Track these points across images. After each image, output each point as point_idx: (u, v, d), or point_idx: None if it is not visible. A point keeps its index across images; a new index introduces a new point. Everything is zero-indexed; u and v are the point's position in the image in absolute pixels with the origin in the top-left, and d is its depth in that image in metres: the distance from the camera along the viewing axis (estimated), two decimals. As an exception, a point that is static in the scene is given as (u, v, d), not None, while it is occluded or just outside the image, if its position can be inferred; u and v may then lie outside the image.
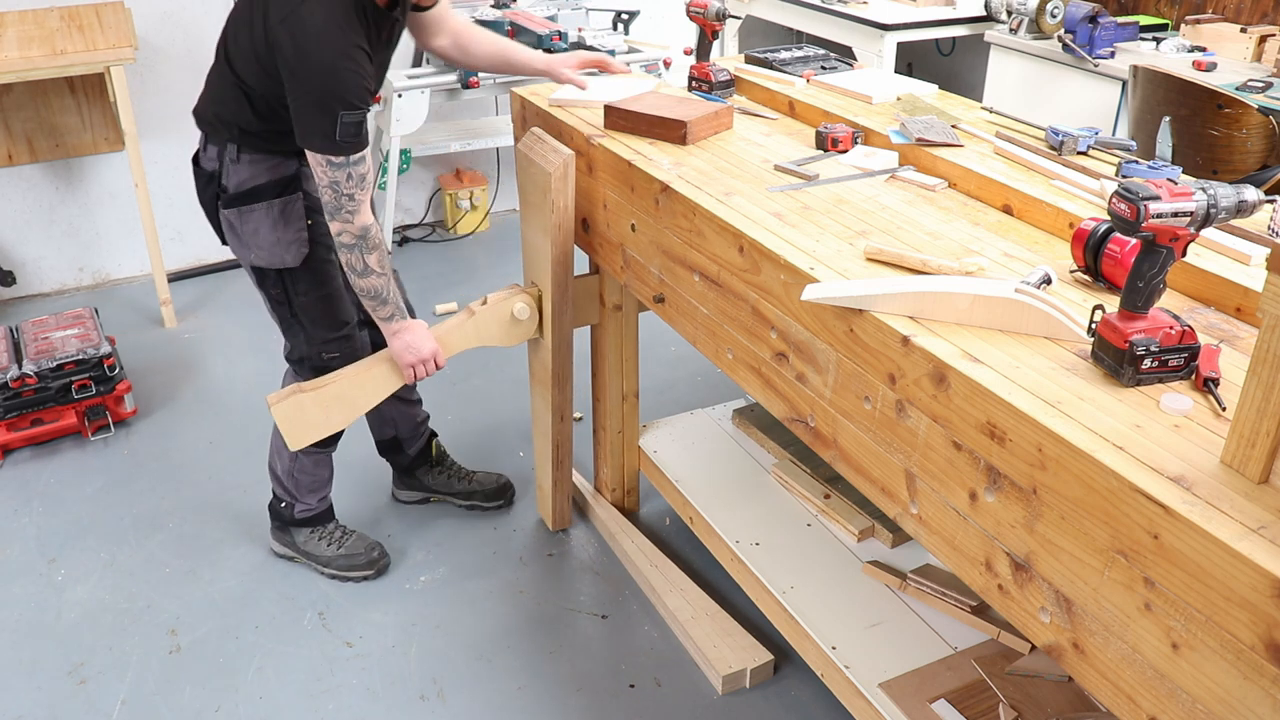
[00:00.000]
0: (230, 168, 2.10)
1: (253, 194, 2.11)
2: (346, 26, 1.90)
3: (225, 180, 2.11)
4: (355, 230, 2.03)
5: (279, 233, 2.14)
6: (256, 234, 2.13)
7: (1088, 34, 3.60)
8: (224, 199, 2.12)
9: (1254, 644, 1.00)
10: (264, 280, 2.22)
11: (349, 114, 1.92)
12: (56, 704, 2.18)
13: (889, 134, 2.08)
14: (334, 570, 2.50)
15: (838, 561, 2.19)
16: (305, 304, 2.23)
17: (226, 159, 2.09)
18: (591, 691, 2.20)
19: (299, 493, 2.48)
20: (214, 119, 2.10)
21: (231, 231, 2.16)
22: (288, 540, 2.54)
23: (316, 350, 2.27)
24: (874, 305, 1.45)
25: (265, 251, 2.15)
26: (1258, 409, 1.06)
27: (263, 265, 2.17)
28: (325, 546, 2.51)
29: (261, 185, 2.11)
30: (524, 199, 2.31)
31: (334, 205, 2.00)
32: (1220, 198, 1.22)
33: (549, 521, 2.67)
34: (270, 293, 2.23)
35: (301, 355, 2.30)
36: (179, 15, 3.86)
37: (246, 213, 2.12)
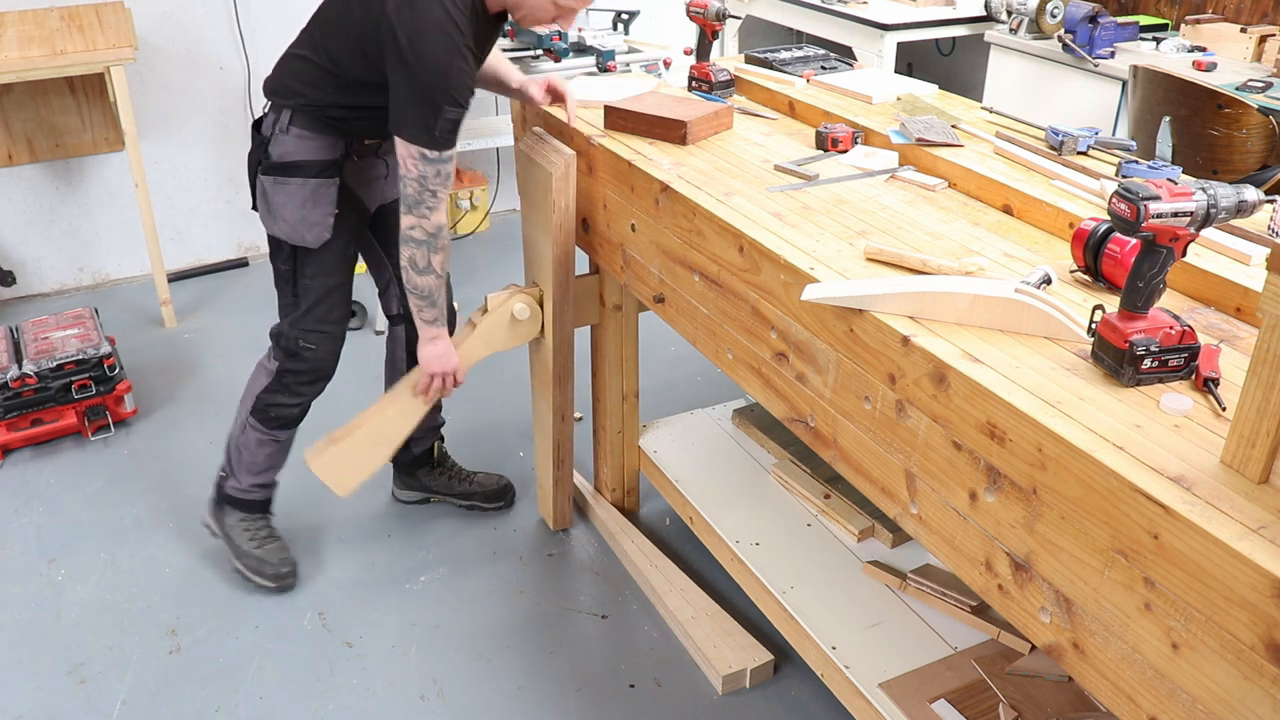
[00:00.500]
0: (278, 137, 2.11)
1: (292, 168, 2.12)
2: (461, 25, 1.90)
3: (271, 148, 2.12)
4: (430, 227, 2.04)
5: (305, 211, 2.14)
6: (284, 207, 2.14)
7: (1088, 34, 3.60)
8: (264, 165, 2.14)
9: (1254, 644, 1.00)
10: (277, 251, 2.23)
11: (452, 110, 1.93)
12: (56, 704, 2.18)
13: (889, 134, 2.08)
14: (242, 565, 2.47)
15: (838, 561, 2.19)
16: (308, 287, 2.24)
17: (278, 128, 2.11)
18: (591, 691, 2.20)
19: (236, 468, 2.44)
20: (283, 89, 2.11)
21: (263, 198, 2.17)
22: (219, 516, 2.51)
23: (297, 334, 2.28)
24: (874, 305, 1.45)
25: (288, 225, 2.16)
26: (1258, 409, 1.06)
27: (280, 237, 2.19)
28: (247, 539, 2.48)
29: (304, 162, 2.12)
30: (525, 199, 2.31)
31: (416, 199, 2.00)
32: (1220, 198, 1.22)
33: (550, 521, 2.67)
34: (279, 265, 2.24)
35: (281, 332, 2.30)
36: (179, 15, 3.86)
37: (280, 184, 2.13)
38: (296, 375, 2.32)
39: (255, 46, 4.00)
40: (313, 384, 2.35)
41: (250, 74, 4.02)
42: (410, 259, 2.08)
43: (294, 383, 2.33)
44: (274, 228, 2.19)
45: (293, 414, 2.37)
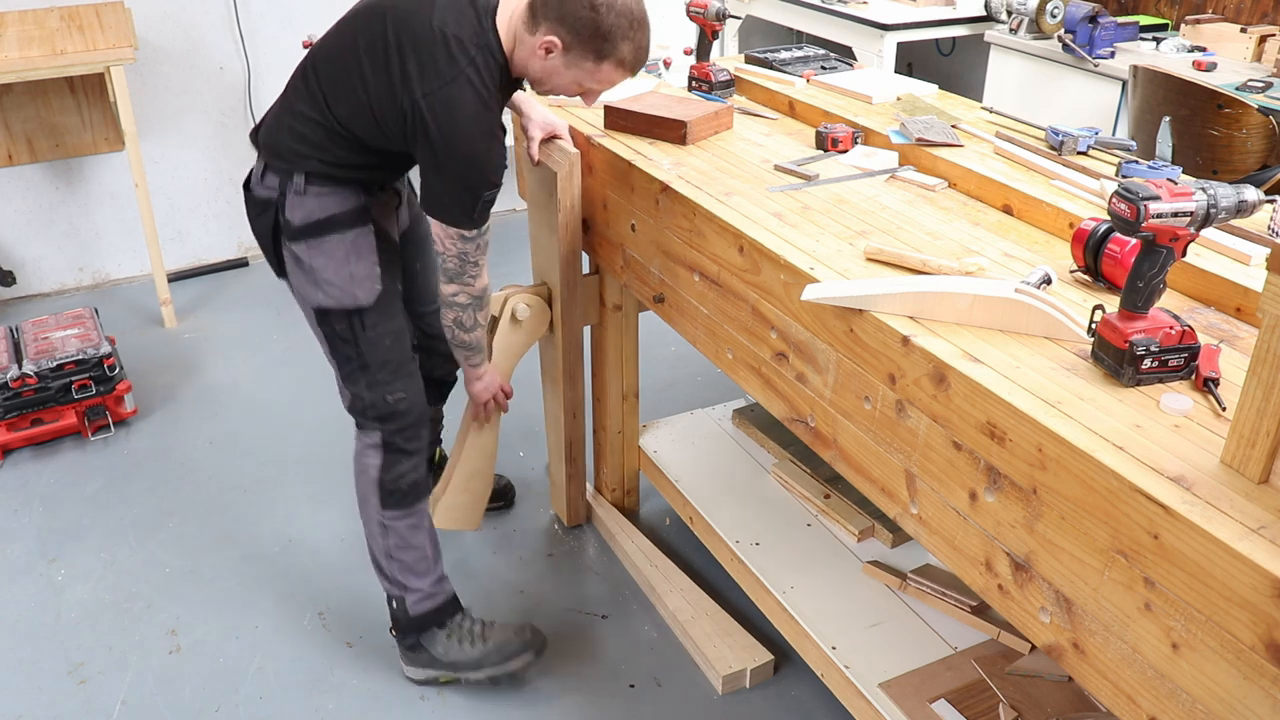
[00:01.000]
0: (292, 199, 1.90)
1: (324, 225, 1.91)
2: (492, 105, 1.81)
3: (287, 213, 1.90)
4: (475, 292, 1.98)
5: (352, 267, 1.93)
6: (325, 269, 1.92)
7: (1088, 34, 3.60)
8: (289, 232, 1.92)
9: (1254, 644, 1.00)
10: (327, 319, 1.98)
11: (489, 193, 1.85)
12: (56, 704, 2.18)
13: (889, 134, 2.08)
14: (489, 670, 2.15)
15: (838, 561, 2.19)
16: (373, 339, 1.99)
17: (290, 190, 1.89)
18: (591, 691, 2.20)
19: (405, 578, 2.12)
20: (288, 151, 1.89)
21: (297, 267, 1.94)
22: (424, 659, 2.17)
23: (380, 395, 2.02)
24: (874, 305, 1.45)
25: (337, 289, 1.93)
26: (1258, 409, 1.06)
27: (330, 305, 1.95)
28: (469, 649, 2.15)
29: (334, 216, 1.91)
30: (531, 198, 2.32)
31: (457, 271, 1.92)
32: (1220, 198, 1.22)
33: (564, 517, 2.67)
34: (335, 330, 1.98)
35: (363, 402, 2.04)
36: (179, 15, 3.86)
37: (316, 246, 1.91)
38: (404, 433, 2.06)
39: (255, 46, 4.00)
40: (419, 431, 2.09)
41: (250, 74, 4.02)
42: (456, 321, 2.00)
43: (405, 442, 2.07)
44: (318, 297, 1.94)
45: (420, 475, 2.10)
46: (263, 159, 1.94)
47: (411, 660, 2.19)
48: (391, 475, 2.06)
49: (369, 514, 2.11)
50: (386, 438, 2.05)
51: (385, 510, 2.08)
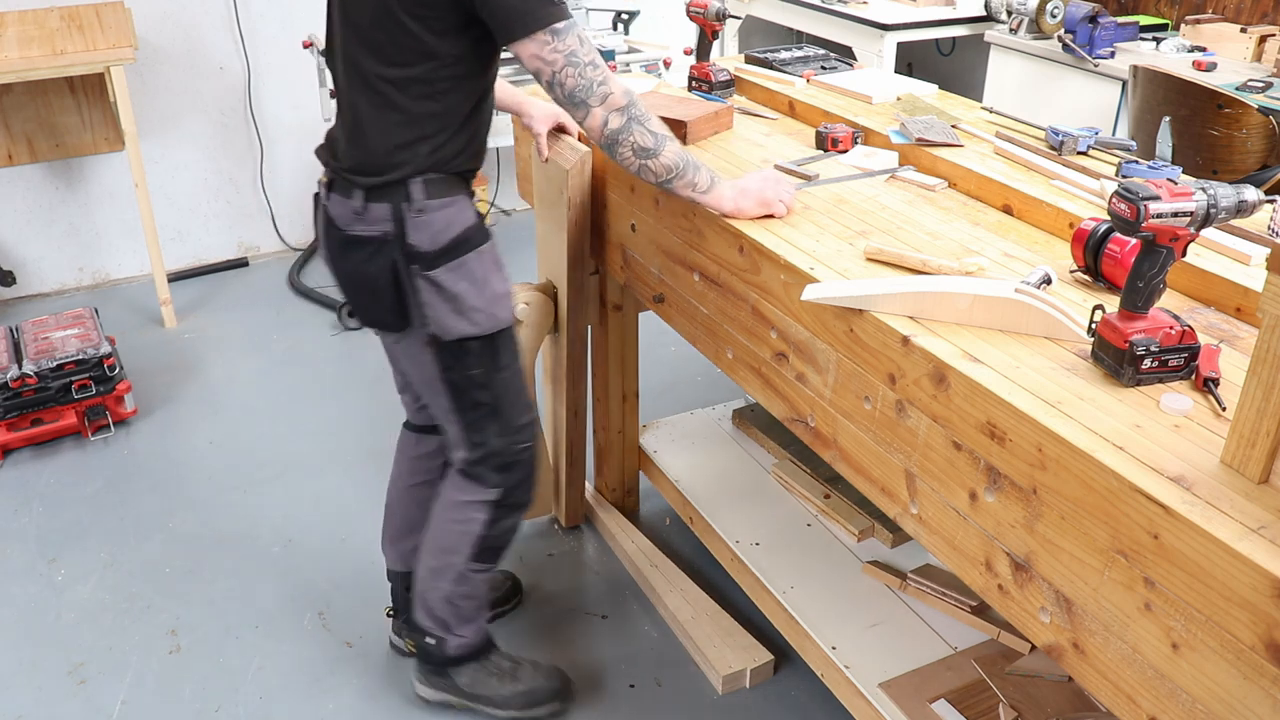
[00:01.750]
0: (413, 223, 1.67)
1: (459, 244, 1.70)
2: None
3: (412, 239, 1.68)
4: (620, 99, 1.63)
5: (494, 285, 1.76)
6: (469, 294, 1.72)
7: (1088, 34, 3.60)
8: (424, 260, 1.68)
9: (1254, 644, 1.00)
10: (463, 361, 1.78)
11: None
12: (56, 704, 2.18)
13: (889, 134, 2.08)
14: (514, 711, 2.07)
15: (838, 561, 2.19)
16: (506, 379, 1.83)
17: (408, 213, 1.67)
18: (591, 691, 2.20)
19: (455, 623, 2.02)
20: (393, 162, 1.66)
21: (438, 297, 1.71)
22: (447, 685, 2.09)
23: (510, 442, 1.86)
24: (874, 305, 1.45)
25: (482, 313, 1.75)
26: (1258, 409, 1.06)
27: (476, 332, 1.76)
28: (496, 684, 2.07)
29: (465, 232, 1.71)
30: (539, 197, 2.32)
31: (584, 84, 1.60)
32: (1220, 198, 1.22)
33: (562, 518, 2.67)
34: (469, 373, 1.79)
35: (487, 453, 1.87)
36: (179, 15, 3.86)
37: (458, 268, 1.71)
38: (522, 485, 1.93)
39: (255, 46, 4.00)
40: (533, 481, 1.95)
41: (250, 74, 4.02)
42: (637, 148, 1.66)
43: (521, 495, 1.93)
44: (462, 327, 1.74)
45: (518, 529, 1.99)
46: (358, 189, 1.69)
47: (430, 683, 2.11)
48: (497, 531, 1.94)
49: (449, 562, 1.95)
50: (505, 493, 1.91)
51: (474, 563, 1.96)
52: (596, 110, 1.63)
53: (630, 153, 1.67)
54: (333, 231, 1.75)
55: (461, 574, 1.96)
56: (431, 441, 2.10)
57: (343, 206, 1.72)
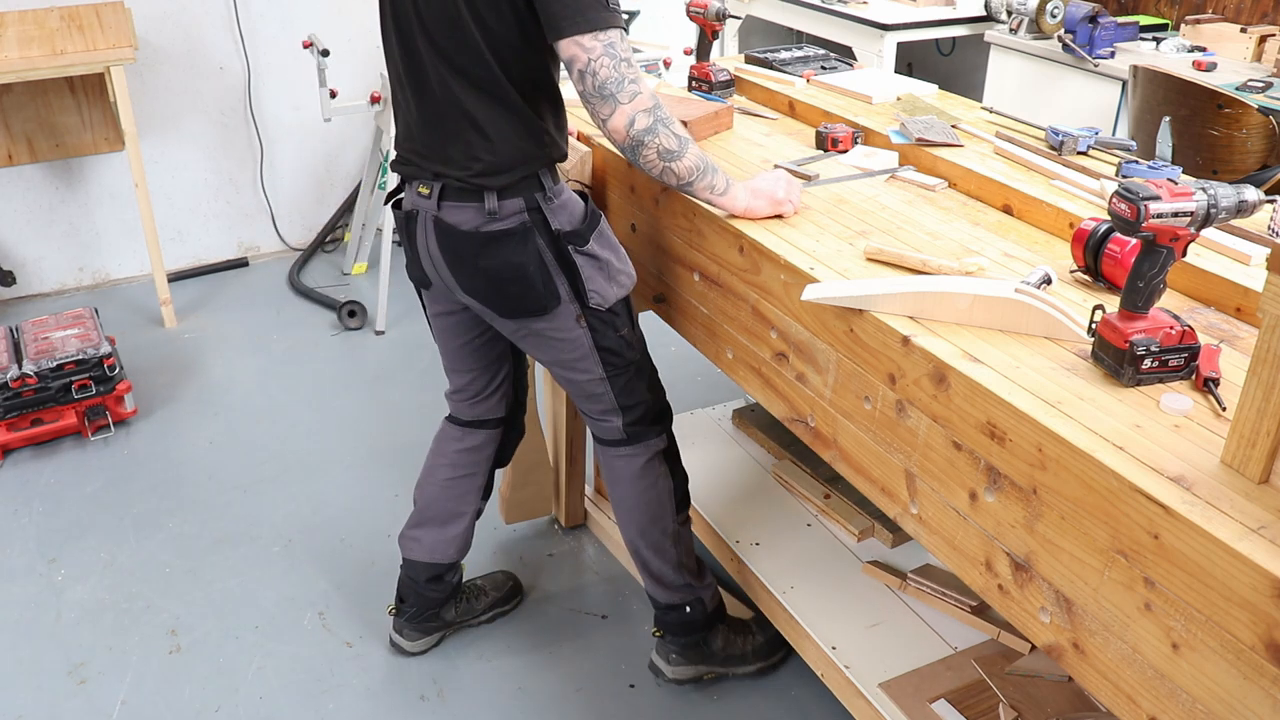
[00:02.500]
0: (552, 209, 1.74)
1: (593, 215, 1.79)
2: None
3: (556, 225, 1.74)
4: (647, 100, 1.63)
5: (619, 246, 1.86)
6: (611, 261, 1.82)
7: (1088, 34, 3.60)
8: (577, 239, 1.76)
9: (1254, 644, 1.00)
10: (614, 323, 1.86)
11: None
12: (56, 704, 2.18)
13: (889, 134, 2.08)
14: (762, 662, 2.18)
15: (838, 561, 2.19)
16: (640, 334, 1.92)
17: (543, 201, 1.73)
18: (591, 691, 2.20)
19: (695, 579, 2.08)
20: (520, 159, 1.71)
21: (595, 269, 1.79)
22: (699, 655, 2.13)
23: (659, 393, 1.97)
24: (874, 305, 1.45)
25: (624, 274, 1.85)
26: (1258, 409, 1.06)
27: (624, 292, 1.86)
28: (742, 642, 2.16)
29: (587, 206, 1.81)
30: None
31: (615, 77, 1.60)
32: (1220, 198, 1.22)
33: (562, 518, 2.67)
34: (621, 335, 1.88)
35: (646, 408, 1.96)
36: (179, 15, 3.86)
37: (600, 238, 1.79)
38: (671, 431, 2.04)
39: (255, 46, 4.00)
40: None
41: (250, 74, 4.02)
42: (661, 150, 1.65)
43: (674, 441, 2.05)
44: (615, 290, 1.83)
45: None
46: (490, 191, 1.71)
47: (684, 659, 2.14)
48: (680, 479, 2.04)
49: (659, 530, 2.01)
50: (669, 438, 2.02)
51: (679, 516, 2.04)
52: (624, 107, 1.62)
53: (655, 155, 1.67)
54: (460, 236, 1.75)
55: (676, 533, 2.04)
56: (479, 435, 2.14)
57: (467, 212, 1.73)
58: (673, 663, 2.15)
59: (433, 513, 2.18)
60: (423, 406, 3.13)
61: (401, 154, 1.83)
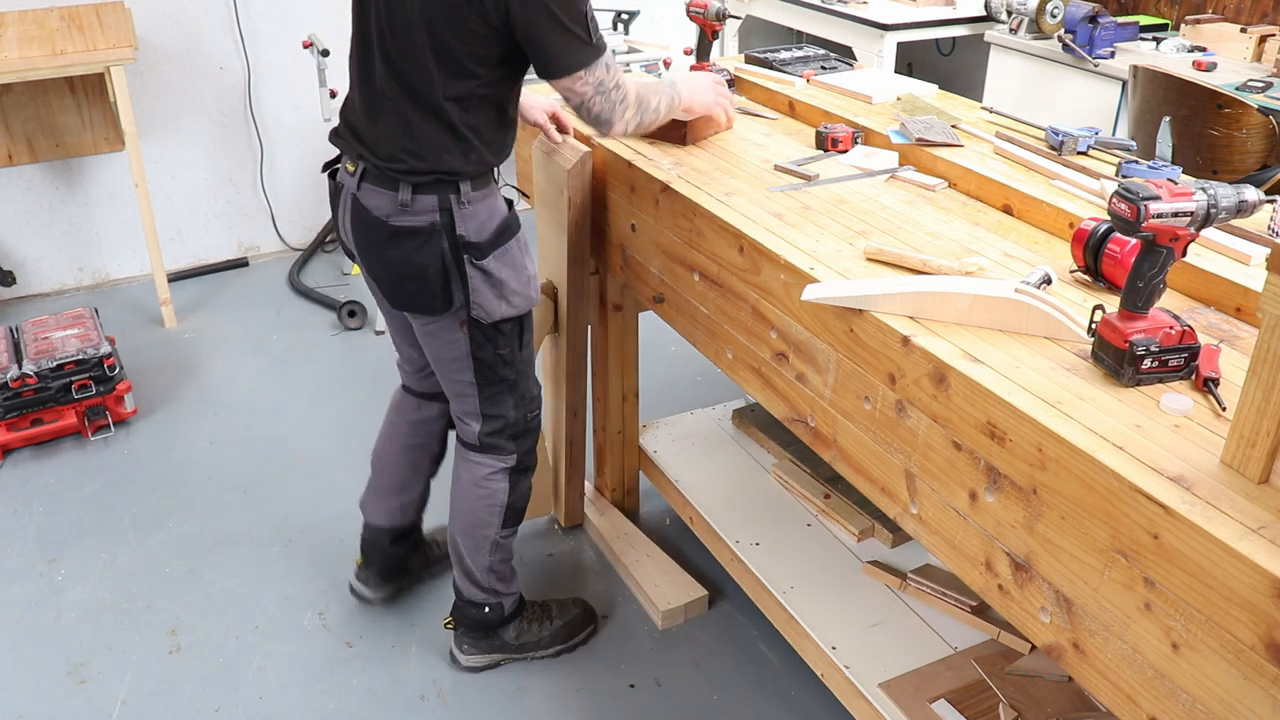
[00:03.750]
0: (462, 214, 1.77)
1: (503, 232, 1.83)
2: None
3: (460, 230, 1.77)
4: (633, 104, 1.79)
5: (529, 268, 1.89)
6: (511, 278, 1.85)
7: (1088, 34, 3.60)
8: (476, 250, 1.79)
9: (1254, 644, 1.00)
10: (495, 339, 1.90)
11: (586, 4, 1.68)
12: (56, 704, 2.18)
13: (889, 134, 2.08)
14: (559, 647, 2.26)
15: (838, 561, 2.19)
16: (527, 355, 1.99)
17: (456, 204, 1.76)
18: (591, 691, 2.20)
19: (502, 587, 2.17)
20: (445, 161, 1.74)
21: (485, 284, 1.82)
22: (494, 645, 2.22)
23: (524, 412, 2.02)
24: (874, 305, 1.45)
25: (520, 296, 1.88)
26: (1258, 409, 1.06)
27: (513, 314, 1.88)
28: (538, 629, 2.25)
29: (506, 220, 1.84)
30: (539, 196, 2.32)
31: (608, 108, 1.76)
32: (1220, 198, 1.22)
33: (561, 518, 2.67)
34: (500, 353, 1.92)
35: (505, 423, 2.00)
36: (179, 15, 3.86)
37: (503, 256, 1.82)
38: (532, 450, 2.08)
39: (255, 46, 4.00)
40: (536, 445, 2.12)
41: (250, 74, 4.02)
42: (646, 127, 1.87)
43: (532, 458, 2.10)
44: (503, 308, 1.86)
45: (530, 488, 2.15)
46: (405, 184, 1.75)
47: (476, 649, 2.22)
48: (517, 496, 2.09)
49: (483, 535, 2.08)
50: (520, 458, 2.06)
51: (504, 529, 2.10)
52: (617, 125, 1.80)
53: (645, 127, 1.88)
54: (371, 222, 1.80)
55: (496, 543, 2.10)
56: (433, 408, 2.22)
57: (382, 198, 1.78)
58: (465, 652, 2.23)
59: (390, 479, 2.27)
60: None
61: (340, 125, 1.89)
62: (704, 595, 2.39)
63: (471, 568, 2.12)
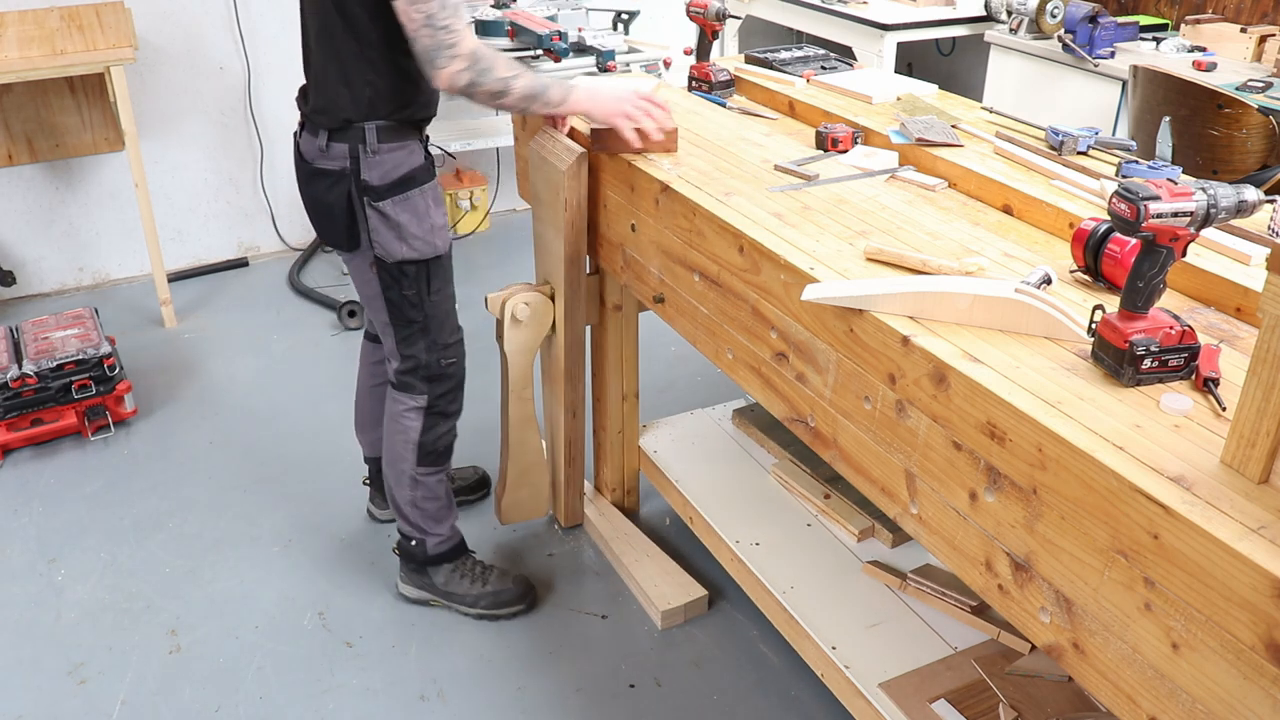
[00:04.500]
0: (368, 160, 1.98)
1: (406, 181, 2.01)
2: None
3: (364, 175, 1.99)
4: (466, 55, 1.83)
5: (433, 218, 2.06)
6: (411, 224, 2.03)
7: (1088, 34, 3.60)
8: (373, 193, 2.00)
9: (1254, 644, 1.00)
10: (400, 280, 2.08)
11: None
12: (56, 704, 2.18)
13: (889, 134, 2.08)
14: (481, 609, 2.37)
15: (838, 561, 2.19)
16: (438, 301, 2.14)
17: (364, 152, 1.98)
18: (591, 691, 2.20)
19: (427, 525, 2.31)
20: (350, 110, 1.96)
21: (383, 224, 2.02)
22: (425, 582, 2.38)
23: (436, 357, 2.17)
24: (874, 305, 1.45)
25: (420, 240, 2.05)
26: (1258, 409, 1.06)
27: (414, 257, 2.06)
28: (469, 585, 2.37)
29: (412, 172, 2.02)
30: (536, 197, 2.32)
31: (434, 45, 1.81)
32: (1220, 198, 1.22)
33: (561, 518, 2.67)
34: (405, 294, 2.09)
35: (417, 364, 2.17)
36: (179, 15, 3.86)
37: (402, 202, 2.01)
38: (447, 396, 2.22)
39: (255, 46, 4.00)
40: (460, 394, 2.26)
41: (250, 74, 4.02)
42: (489, 94, 1.89)
43: (448, 405, 2.23)
44: (402, 250, 2.04)
45: (454, 436, 2.29)
46: (324, 130, 1.99)
47: (411, 581, 2.40)
48: (431, 437, 2.22)
49: (401, 469, 2.25)
50: (431, 401, 2.20)
51: (420, 467, 2.24)
52: (444, 72, 1.84)
53: (485, 99, 1.92)
54: (301, 164, 2.09)
55: (413, 479, 2.25)
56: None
57: (310, 144, 2.04)
58: (402, 581, 2.43)
59: (365, 417, 2.54)
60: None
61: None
62: (704, 595, 2.40)
63: (398, 499, 2.29)
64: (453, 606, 2.39)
